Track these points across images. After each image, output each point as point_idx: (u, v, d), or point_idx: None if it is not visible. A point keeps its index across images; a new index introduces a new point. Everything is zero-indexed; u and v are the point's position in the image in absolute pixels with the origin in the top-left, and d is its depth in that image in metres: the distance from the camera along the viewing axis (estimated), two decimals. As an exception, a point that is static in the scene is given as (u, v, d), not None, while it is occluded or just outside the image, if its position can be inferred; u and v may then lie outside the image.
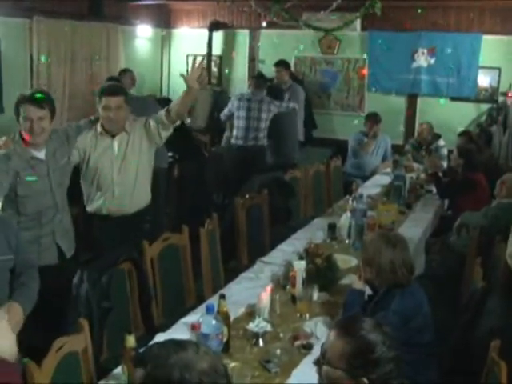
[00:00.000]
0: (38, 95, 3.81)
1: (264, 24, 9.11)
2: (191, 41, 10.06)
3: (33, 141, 3.79)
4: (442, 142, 7.90)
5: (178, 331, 3.30)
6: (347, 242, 4.91)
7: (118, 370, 2.89)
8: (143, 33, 9.83)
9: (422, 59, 8.74)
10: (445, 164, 7.47)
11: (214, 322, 2.92)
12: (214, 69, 10.11)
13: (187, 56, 9.88)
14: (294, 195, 6.17)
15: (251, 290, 3.84)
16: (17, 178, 3.72)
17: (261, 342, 3.21)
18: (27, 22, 7.71)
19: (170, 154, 7.26)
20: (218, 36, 10.00)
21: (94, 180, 4.40)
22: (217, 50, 10.04)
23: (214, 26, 9.80)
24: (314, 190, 6.97)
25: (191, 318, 3.47)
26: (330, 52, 9.41)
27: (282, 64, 8.37)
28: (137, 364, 1.64)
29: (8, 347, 2.03)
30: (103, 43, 8.83)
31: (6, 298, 2.87)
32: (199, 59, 4.29)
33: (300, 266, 3.81)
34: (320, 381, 2.18)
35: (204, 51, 9.75)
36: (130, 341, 2.76)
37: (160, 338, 3.19)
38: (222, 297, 3.18)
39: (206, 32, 9.79)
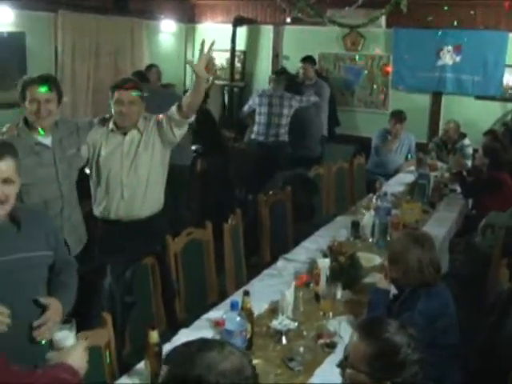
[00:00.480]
0: (45, 77, 3.71)
1: (288, 20, 9.08)
2: (215, 36, 9.89)
3: (39, 124, 3.67)
4: (467, 141, 7.81)
5: (202, 327, 3.29)
6: (370, 240, 4.87)
7: (141, 365, 2.88)
8: (167, 27, 9.82)
9: (448, 57, 8.64)
10: (469, 163, 7.39)
11: (238, 318, 2.89)
12: (238, 64, 10.06)
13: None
14: (318, 192, 6.15)
15: (274, 287, 3.82)
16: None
17: (284, 340, 3.19)
18: (52, 15, 7.74)
19: (193, 147, 7.27)
20: (242, 31, 9.96)
21: (102, 180, 4.15)
22: (240, 45, 10.01)
23: (238, 22, 9.76)
24: (336, 188, 6.95)
25: (214, 313, 3.47)
26: (353, 49, 9.35)
27: (308, 60, 8.34)
28: (164, 361, 1.64)
29: (80, 367, 2.32)
30: (127, 38, 8.83)
31: (44, 295, 2.85)
32: (207, 44, 3.84)
33: (324, 263, 3.79)
34: (344, 382, 2.17)
35: (228, 46, 9.75)
36: (154, 336, 2.75)
37: (184, 333, 3.19)
38: (246, 293, 3.16)
39: (229, 27, 9.76)
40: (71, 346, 2.37)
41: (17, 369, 2.19)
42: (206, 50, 3.82)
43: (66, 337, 2.38)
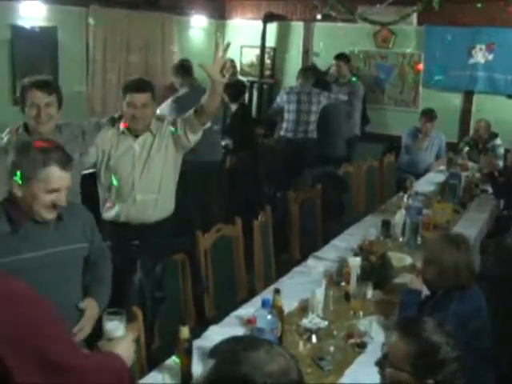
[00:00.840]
0: (45, 81, 3.63)
1: (319, 17, 9.04)
2: (245, 32, 10.00)
3: (39, 129, 3.52)
4: (498, 141, 7.72)
5: (231, 324, 3.27)
6: (401, 239, 4.82)
7: (170, 360, 2.87)
8: (198, 23, 9.81)
9: (480, 55, 8.53)
10: (501, 163, 7.30)
11: (269, 316, 2.87)
12: (268, 61, 10.02)
13: (241, 47, 9.87)
14: (348, 190, 6.12)
15: (304, 285, 3.80)
16: None
17: (314, 339, 3.17)
18: (84, 10, 7.77)
19: (223, 143, 7.25)
20: (272, 28, 9.92)
21: (113, 183, 4.02)
22: (270, 42, 9.97)
23: (268, 18, 9.72)
24: (366, 186, 6.91)
25: (243, 311, 3.46)
26: (384, 46, 9.27)
27: (342, 57, 8.29)
28: (209, 355, 1.64)
29: (128, 358, 2.39)
30: (158, 33, 8.85)
31: (79, 287, 2.93)
32: (223, 46, 3.69)
33: (355, 262, 3.76)
34: (382, 381, 2.16)
35: (258, 43, 9.73)
36: (184, 332, 2.74)
37: (213, 330, 3.19)
38: (277, 292, 3.14)
39: (260, 24, 9.72)
40: (120, 337, 2.47)
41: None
42: (220, 52, 3.70)
43: (117, 328, 2.49)
